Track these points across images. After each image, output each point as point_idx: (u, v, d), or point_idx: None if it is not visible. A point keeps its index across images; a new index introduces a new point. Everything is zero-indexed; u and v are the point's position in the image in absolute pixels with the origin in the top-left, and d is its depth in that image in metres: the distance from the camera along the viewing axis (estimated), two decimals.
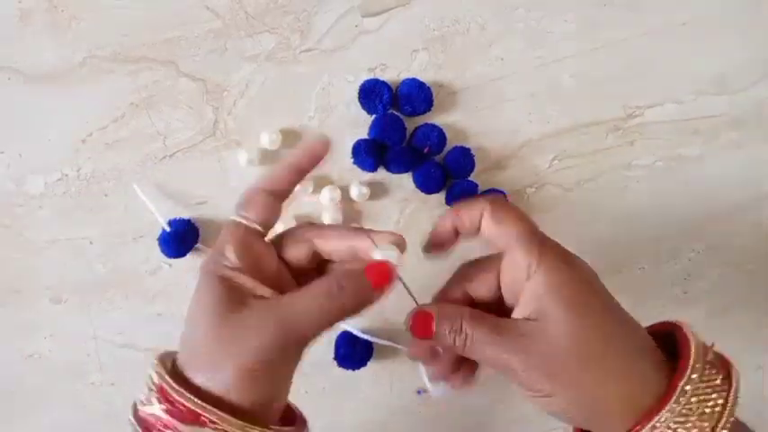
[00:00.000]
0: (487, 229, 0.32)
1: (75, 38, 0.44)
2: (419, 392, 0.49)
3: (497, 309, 0.32)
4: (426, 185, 0.46)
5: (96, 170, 0.45)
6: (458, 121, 0.47)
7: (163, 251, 0.44)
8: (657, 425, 0.27)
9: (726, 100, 0.49)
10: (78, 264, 0.45)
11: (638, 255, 0.49)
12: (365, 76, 0.46)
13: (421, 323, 0.31)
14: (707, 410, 0.27)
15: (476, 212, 0.32)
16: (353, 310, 0.31)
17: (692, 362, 0.28)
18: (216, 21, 0.44)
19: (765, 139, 0.50)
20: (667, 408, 0.27)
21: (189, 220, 0.45)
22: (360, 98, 0.45)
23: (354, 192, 0.46)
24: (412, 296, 0.33)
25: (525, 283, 0.30)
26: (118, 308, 0.46)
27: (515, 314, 0.30)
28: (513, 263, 0.31)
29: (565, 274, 0.29)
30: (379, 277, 0.31)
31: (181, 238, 0.44)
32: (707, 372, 0.28)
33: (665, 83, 0.49)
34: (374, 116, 0.45)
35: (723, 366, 0.29)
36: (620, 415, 0.28)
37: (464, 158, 0.46)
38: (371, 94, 0.45)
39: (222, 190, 0.46)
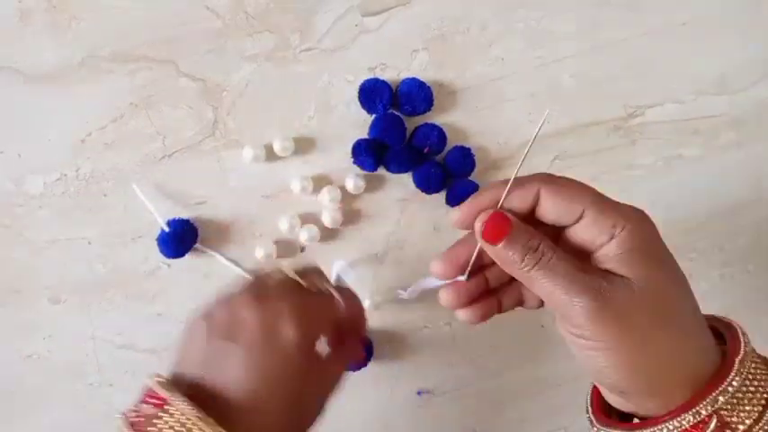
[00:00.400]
0: (552, 208, 0.29)
1: (75, 38, 0.44)
2: (419, 393, 0.49)
3: None
4: (426, 185, 0.46)
5: (95, 170, 0.45)
6: (458, 121, 0.47)
7: (162, 251, 0.44)
8: (720, 398, 0.27)
9: (726, 100, 0.49)
10: (78, 264, 0.45)
11: None
12: (365, 76, 0.46)
13: (496, 225, 0.29)
14: (760, 390, 0.27)
15: (529, 193, 0.30)
16: None
17: (743, 342, 0.28)
18: (216, 20, 0.44)
19: (765, 139, 0.50)
20: (728, 382, 0.27)
21: (188, 221, 0.45)
22: (360, 98, 0.45)
23: (350, 183, 0.46)
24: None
25: (606, 243, 0.28)
26: (117, 308, 0.46)
27: (600, 262, 0.29)
28: (592, 227, 0.29)
29: (650, 236, 0.29)
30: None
31: (179, 239, 0.44)
32: (754, 356, 0.29)
33: (665, 83, 0.49)
34: (374, 116, 0.45)
35: (761, 356, 0.29)
36: (681, 384, 0.28)
37: (464, 158, 0.46)
38: (371, 93, 0.45)
39: (221, 190, 0.46)
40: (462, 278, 0.32)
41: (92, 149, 0.45)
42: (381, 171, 0.47)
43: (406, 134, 0.46)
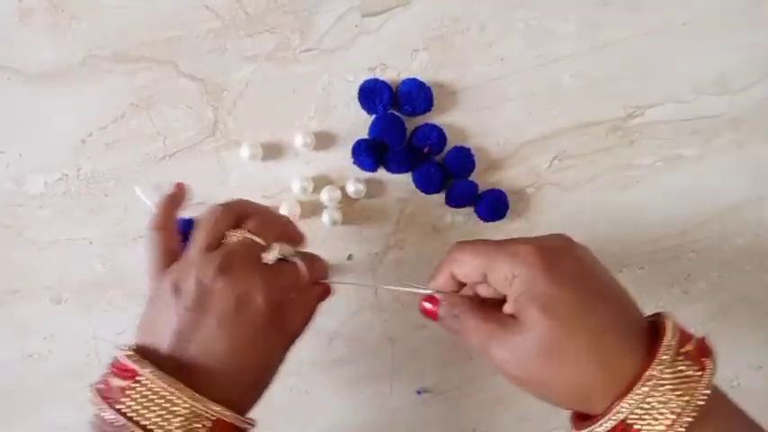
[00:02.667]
0: (463, 277, 0.34)
1: (75, 38, 0.44)
2: (418, 392, 0.49)
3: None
4: (426, 185, 0.46)
5: (96, 170, 0.45)
6: (458, 121, 0.47)
7: None
8: (623, 410, 0.29)
9: (726, 100, 0.49)
10: (78, 264, 0.45)
11: (638, 255, 0.49)
12: (365, 76, 0.46)
13: (428, 306, 0.36)
14: (674, 399, 0.29)
15: (444, 273, 0.35)
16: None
17: (660, 352, 0.30)
18: (216, 21, 0.45)
19: (765, 139, 0.50)
20: (631, 394, 0.29)
21: (190, 220, 0.45)
22: (360, 98, 0.45)
23: (351, 188, 0.46)
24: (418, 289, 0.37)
25: (508, 290, 0.33)
26: (118, 308, 0.46)
27: (505, 308, 0.33)
28: (494, 282, 0.33)
29: (539, 279, 0.31)
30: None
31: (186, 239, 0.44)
32: (677, 363, 0.30)
33: (665, 83, 0.49)
34: (374, 116, 0.46)
35: (701, 356, 0.31)
36: (598, 396, 0.30)
37: (464, 158, 0.46)
38: (371, 94, 0.45)
39: (222, 190, 0.46)
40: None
41: (92, 149, 0.45)
42: (381, 171, 0.47)
43: (405, 134, 0.46)
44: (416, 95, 0.45)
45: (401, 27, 0.46)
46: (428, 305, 0.36)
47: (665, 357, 0.30)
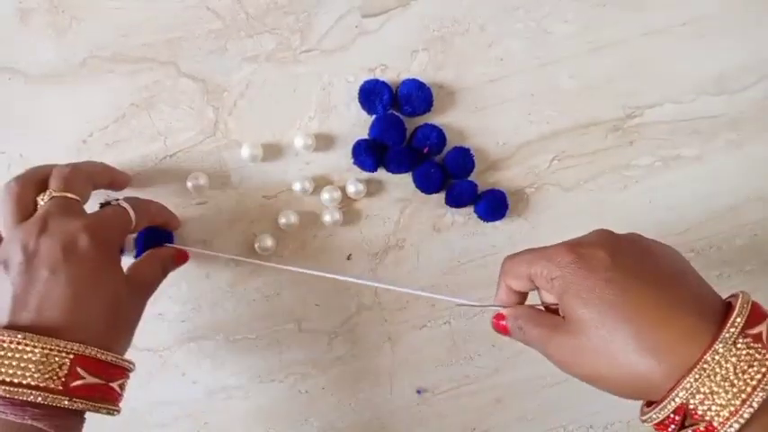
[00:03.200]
0: (517, 287, 0.36)
1: (75, 38, 0.44)
2: (418, 392, 0.49)
3: None
4: (426, 185, 0.46)
5: None
6: (458, 121, 0.47)
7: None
8: (680, 394, 0.28)
9: (726, 100, 0.49)
10: None
11: None
12: (365, 77, 0.46)
13: (498, 323, 0.37)
14: (740, 381, 0.28)
15: (501, 286, 0.37)
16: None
17: (724, 331, 0.29)
18: (216, 21, 0.45)
19: (765, 139, 0.50)
20: (687, 379, 0.28)
21: (158, 231, 0.44)
22: (360, 98, 0.45)
23: (351, 188, 0.46)
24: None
25: (554, 293, 0.34)
26: None
27: (559, 310, 0.34)
28: (541, 286, 0.35)
29: (574, 276, 0.32)
30: None
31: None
32: (744, 342, 0.28)
33: (665, 83, 0.49)
34: (374, 116, 0.46)
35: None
36: (657, 381, 0.29)
37: (464, 158, 0.46)
38: (371, 94, 0.45)
39: (223, 190, 0.46)
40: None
41: (93, 150, 0.45)
42: (381, 171, 0.47)
43: (405, 134, 0.46)
44: (416, 96, 0.45)
45: (401, 28, 0.46)
46: (498, 321, 0.37)
47: (727, 336, 0.28)
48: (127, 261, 0.41)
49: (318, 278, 0.47)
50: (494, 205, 0.47)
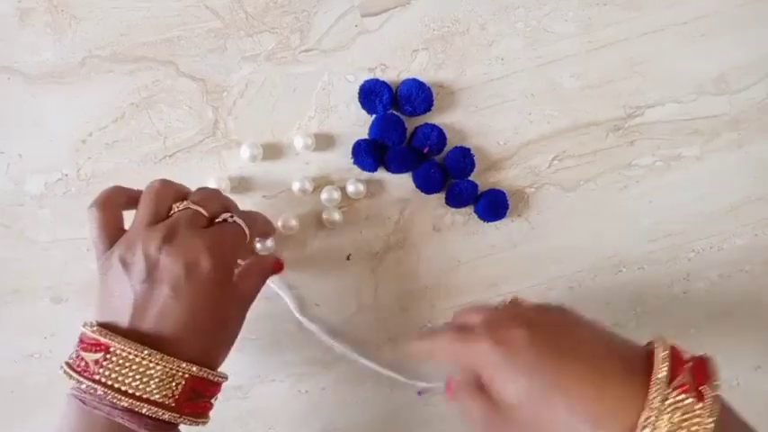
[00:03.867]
0: (447, 365, 0.36)
1: (75, 38, 0.44)
2: (419, 393, 0.49)
3: None
4: (426, 185, 0.46)
5: (96, 170, 0.45)
6: (458, 121, 0.47)
7: None
8: None
9: (726, 100, 0.49)
10: (78, 264, 0.45)
11: (638, 255, 0.49)
12: (365, 76, 0.46)
13: (449, 392, 0.38)
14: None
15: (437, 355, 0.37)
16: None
17: (650, 396, 0.29)
18: (216, 21, 0.45)
19: (765, 139, 0.50)
20: None
21: None
22: (360, 98, 0.45)
23: (351, 188, 0.46)
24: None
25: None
26: None
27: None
28: (472, 371, 0.34)
29: (502, 364, 0.32)
30: None
31: None
32: (670, 401, 0.29)
33: (665, 83, 0.49)
34: (374, 116, 0.46)
35: (698, 385, 0.29)
36: None
37: (464, 158, 0.46)
38: (371, 94, 0.45)
39: (222, 190, 0.46)
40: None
41: (93, 150, 0.45)
42: (381, 171, 0.47)
43: (405, 134, 0.46)
44: (416, 95, 0.45)
45: (401, 27, 0.46)
46: (448, 388, 0.38)
47: (656, 399, 0.29)
48: None
49: (318, 278, 0.47)
50: (494, 205, 0.47)
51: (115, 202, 0.38)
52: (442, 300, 0.48)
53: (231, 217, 0.38)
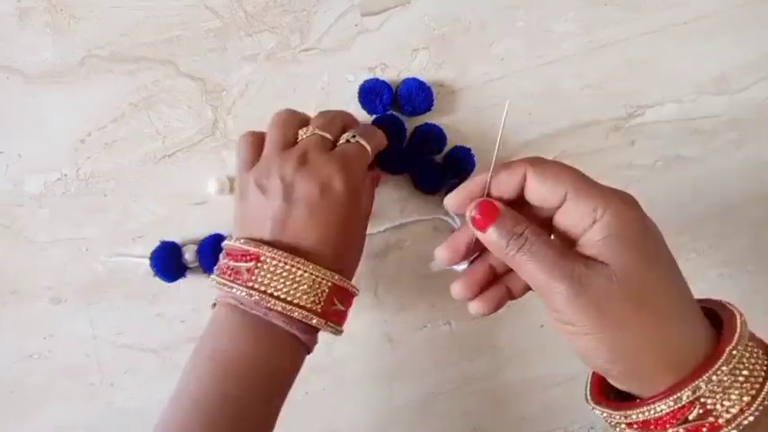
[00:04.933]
0: (537, 189, 0.30)
1: (74, 38, 0.44)
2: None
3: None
4: (426, 185, 0.46)
5: (96, 170, 0.45)
6: (458, 121, 0.47)
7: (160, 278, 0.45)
8: (701, 385, 0.27)
9: (726, 100, 0.49)
10: (78, 264, 0.45)
11: None
12: (365, 76, 0.46)
13: (484, 212, 0.31)
14: (751, 379, 0.28)
15: (516, 175, 0.31)
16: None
17: (738, 330, 0.28)
18: (215, 20, 0.44)
19: (765, 139, 0.50)
20: (713, 370, 0.27)
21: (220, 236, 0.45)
22: (360, 98, 0.45)
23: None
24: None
25: (589, 228, 0.29)
26: (117, 308, 0.46)
27: (580, 248, 0.30)
28: (574, 211, 0.30)
29: (631, 220, 0.29)
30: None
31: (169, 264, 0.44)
32: (751, 344, 0.28)
33: (665, 83, 0.48)
34: (374, 116, 0.45)
35: (762, 343, 0.30)
36: (663, 369, 0.28)
37: (464, 158, 0.46)
38: (371, 94, 0.45)
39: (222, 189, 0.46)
40: (462, 266, 0.35)
41: (92, 149, 0.45)
42: (381, 171, 0.47)
43: (405, 134, 0.46)
44: (416, 95, 0.45)
45: (401, 27, 0.46)
46: (486, 209, 0.30)
47: (742, 335, 0.28)
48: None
49: None
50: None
51: (260, 135, 0.40)
52: (442, 300, 0.48)
53: (353, 137, 0.39)
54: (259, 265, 0.35)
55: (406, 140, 0.46)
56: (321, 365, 0.48)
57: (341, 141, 0.39)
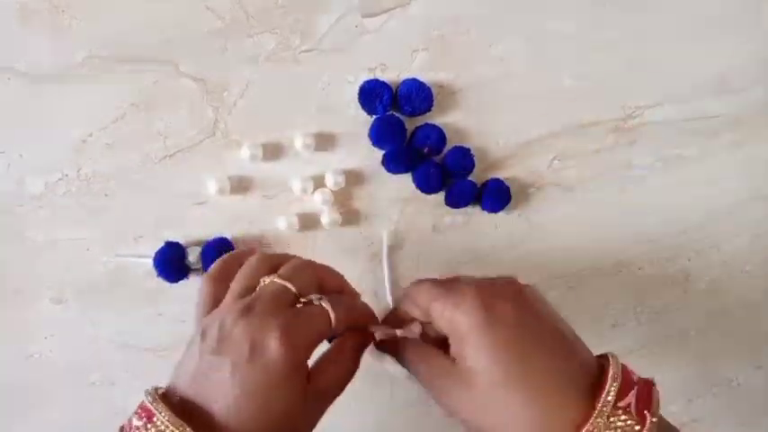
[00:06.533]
0: (411, 311, 0.37)
1: (75, 38, 0.44)
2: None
3: None
4: (426, 185, 0.46)
5: (96, 170, 0.45)
6: (458, 121, 0.47)
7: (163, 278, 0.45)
8: None
9: (726, 100, 0.49)
10: (78, 264, 0.45)
11: (638, 255, 0.49)
12: (365, 76, 0.46)
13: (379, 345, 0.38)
14: None
15: (400, 309, 0.38)
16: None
17: (596, 411, 0.30)
18: (216, 21, 0.45)
19: (765, 139, 0.50)
20: None
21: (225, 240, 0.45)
22: (360, 98, 0.45)
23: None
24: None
25: (450, 334, 0.34)
26: (118, 308, 0.46)
27: (451, 351, 0.34)
28: (436, 322, 0.35)
29: (477, 327, 0.32)
30: None
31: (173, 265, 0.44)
32: (614, 419, 0.30)
33: (665, 83, 0.49)
34: (374, 116, 0.46)
35: (642, 409, 0.30)
36: None
37: (464, 158, 0.46)
38: (371, 94, 0.45)
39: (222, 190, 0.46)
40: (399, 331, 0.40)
41: (93, 150, 0.45)
42: (381, 171, 0.47)
43: (405, 134, 0.46)
44: (416, 95, 0.45)
45: (401, 27, 0.46)
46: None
47: (602, 416, 0.29)
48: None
49: None
50: (497, 193, 0.47)
51: (227, 275, 0.37)
52: None
53: (319, 299, 0.35)
54: (149, 425, 0.31)
55: (406, 141, 0.46)
56: None
57: (303, 300, 0.35)
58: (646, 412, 0.30)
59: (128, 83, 0.44)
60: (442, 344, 0.35)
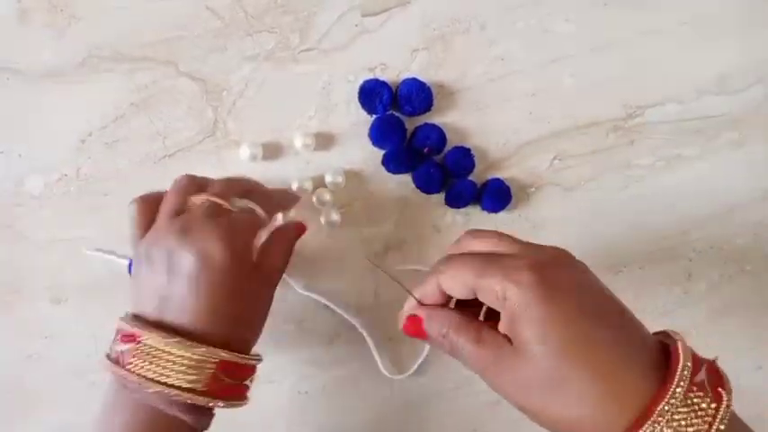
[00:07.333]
0: (451, 290, 0.32)
1: (74, 38, 0.44)
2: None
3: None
4: (426, 185, 0.46)
5: (96, 170, 0.45)
6: (458, 121, 0.47)
7: None
8: None
9: (726, 100, 0.49)
10: (78, 264, 0.45)
11: (638, 255, 0.49)
12: (365, 76, 0.46)
13: (412, 325, 0.34)
14: None
15: (431, 285, 0.33)
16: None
17: (673, 386, 0.27)
18: (216, 21, 0.44)
19: (765, 139, 0.50)
20: (645, 427, 0.27)
21: None
22: (360, 98, 0.45)
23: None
24: (407, 290, 0.34)
25: (502, 311, 0.30)
26: (117, 308, 0.46)
27: (500, 327, 0.31)
28: (484, 299, 0.31)
29: (533, 300, 0.29)
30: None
31: None
32: (691, 395, 0.27)
33: (666, 83, 0.49)
34: (374, 116, 0.46)
35: (716, 386, 0.28)
36: (604, 429, 0.28)
37: (464, 158, 0.46)
38: (371, 94, 0.45)
39: None
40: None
41: (92, 149, 0.45)
42: (381, 171, 0.47)
43: (405, 134, 0.46)
44: (416, 95, 0.45)
45: (401, 27, 0.46)
46: (412, 323, 0.33)
47: (678, 390, 0.27)
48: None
49: (319, 279, 0.47)
50: (498, 193, 0.47)
51: (153, 199, 0.39)
52: None
53: (245, 202, 0.39)
54: (137, 347, 0.34)
55: (406, 141, 0.46)
56: (321, 364, 0.48)
57: (232, 208, 0.38)
58: (720, 389, 0.28)
59: (128, 83, 0.44)
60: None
